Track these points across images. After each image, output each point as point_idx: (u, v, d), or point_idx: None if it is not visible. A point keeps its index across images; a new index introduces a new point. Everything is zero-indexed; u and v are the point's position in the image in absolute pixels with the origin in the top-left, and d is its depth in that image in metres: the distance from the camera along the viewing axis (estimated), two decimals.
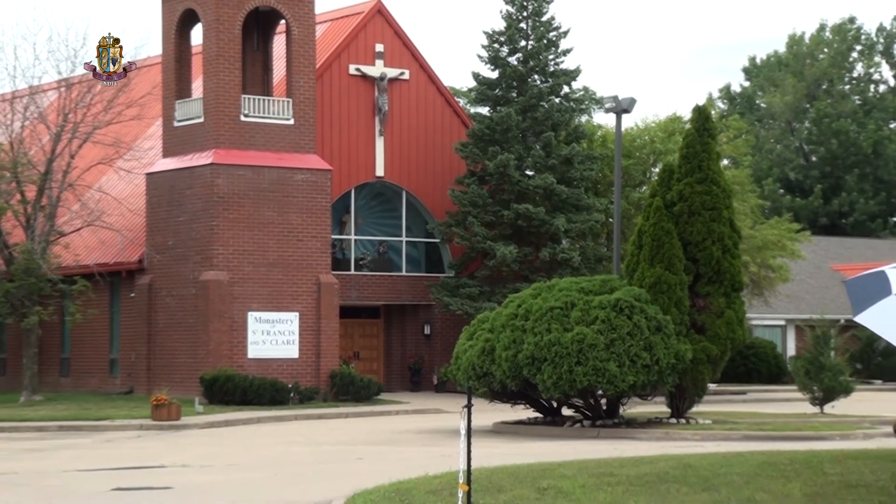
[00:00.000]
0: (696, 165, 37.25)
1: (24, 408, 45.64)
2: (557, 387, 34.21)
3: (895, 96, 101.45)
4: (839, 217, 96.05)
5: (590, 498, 17.66)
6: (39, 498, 21.36)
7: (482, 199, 54.70)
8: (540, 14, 56.62)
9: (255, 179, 48.91)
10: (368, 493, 19.14)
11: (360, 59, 55.66)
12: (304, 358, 49.31)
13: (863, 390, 52.04)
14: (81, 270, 50.89)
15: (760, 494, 17.35)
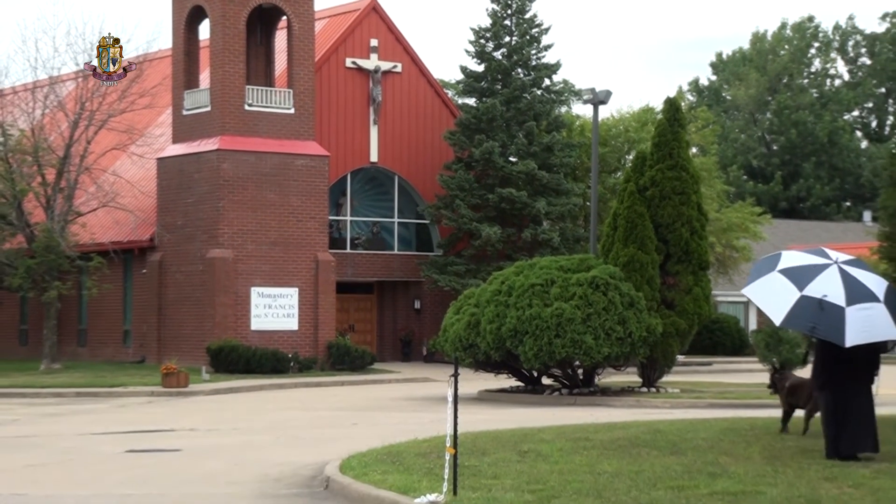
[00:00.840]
0: (667, 153, 37.24)
1: (44, 375, 45.63)
2: (538, 358, 34.22)
3: (849, 90, 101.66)
4: (797, 202, 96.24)
5: (567, 461, 17.66)
6: (57, 459, 21.35)
7: (469, 184, 54.71)
8: (523, 12, 56.58)
9: (258, 164, 48.89)
10: (362, 455, 19.15)
11: (355, 53, 55.60)
12: (303, 330, 49.33)
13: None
14: (97, 248, 50.85)
15: (723, 458, 17.37)
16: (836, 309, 16.26)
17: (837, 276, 16.65)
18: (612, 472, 16.45)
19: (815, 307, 16.29)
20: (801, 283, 16.52)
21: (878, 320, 16.47)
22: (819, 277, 16.55)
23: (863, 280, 16.78)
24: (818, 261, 17.01)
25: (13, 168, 50.14)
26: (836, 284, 16.46)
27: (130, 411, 32.91)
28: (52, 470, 19.87)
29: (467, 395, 33.90)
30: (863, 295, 16.50)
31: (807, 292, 16.40)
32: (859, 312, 16.29)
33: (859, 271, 17.00)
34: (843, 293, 16.38)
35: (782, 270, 16.87)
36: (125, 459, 21.26)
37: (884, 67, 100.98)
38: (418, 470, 17.11)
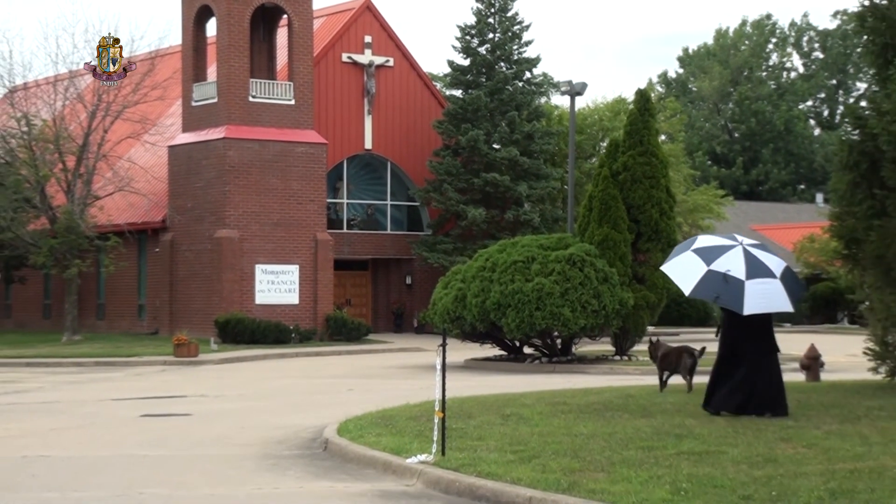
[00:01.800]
0: (638, 140, 37.24)
1: (66, 346, 45.60)
2: (519, 329, 34.23)
3: (804, 82, 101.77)
4: (756, 185, 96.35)
5: (546, 423, 17.67)
6: (79, 423, 21.33)
7: (456, 169, 54.71)
8: (505, 10, 56.53)
9: (261, 151, 48.84)
10: (358, 418, 19.14)
11: (351, 49, 55.51)
12: (303, 304, 49.35)
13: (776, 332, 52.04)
14: (114, 229, 50.81)
15: (689, 420, 17.39)
16: (737, 282, 17.21)
17: (741, 255, 17.55)
18: (587, 433, 16.45)
19: (720, 280, 17.23)
20: (709, 259, 17.49)
21: (774, 294, 17.44)
22: (725, 255, 17.51)
23: (763, 260, 17.66)
24: (726, 242, 17.97)
25: (36, 155, 50.14)
26: (739, 262, 17.40)
27: (145, 379, 32.89)
28: (74, 433, 19.86)
29: (454, 363, 33.92)
30: (762, 272, 17.43)
31: (713, 267, 17.36)
32: (757, 286, 17.25)
33: (761, 252, 17.88)
34: (744, 269, 17.30)
35: (695, 250, 17.83)
36: (141, 423, 21.25)
37: (835, 61, 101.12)
38: (409, 432, 17.10)
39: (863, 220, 20.86)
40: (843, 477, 12.89)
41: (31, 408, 24.48)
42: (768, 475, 13.09)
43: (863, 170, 20.67)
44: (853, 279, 23.95)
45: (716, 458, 14.25)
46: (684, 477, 13.08)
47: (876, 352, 21.47)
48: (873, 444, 14.94)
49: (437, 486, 13.94)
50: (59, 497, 13.73)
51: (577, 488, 12.82)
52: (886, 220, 20.48)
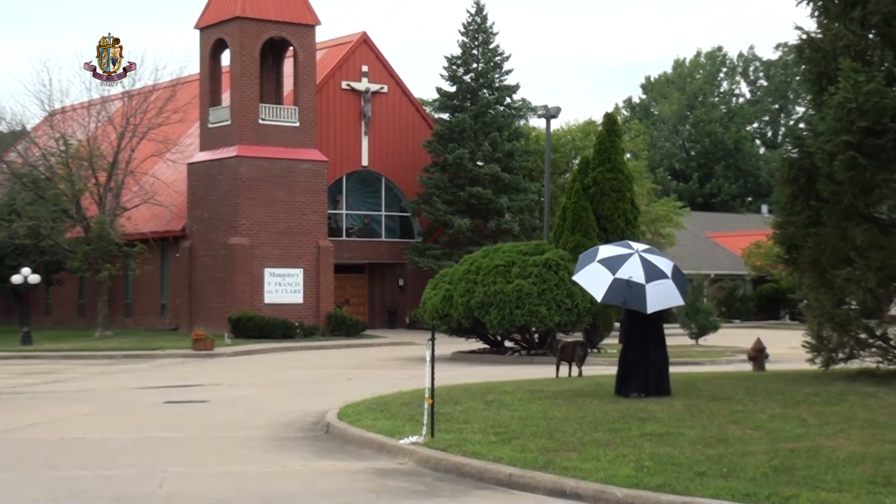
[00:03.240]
0: (606, 158, 37.33)
1: (98, 341, 45.58)
2: (501, 325, 34.29)
3: (751, 106, 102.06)
4: (710, 197, 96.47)
5: (524, 408, 17.69)
6: (109, 409, 21.32)
7: (443, 183, 54.75)
8: (488, 43, 56.57)
9: (269, 168, 48.83)
10: (356, 404, 19.13)
11: (349, 77, 55.52)
12: (307, 303, 49.33)
13: (726, 328, 52.33)
14: (139, 237, 50.74)
15: (651, 405, 17.40)
16: (639, 286, 17.88)
17: (639, 262, 18.16)
18: (561, 417, 16.47)
19: (625, 286, 17.89)
20: (613, 268, 18.08)
21: (669, 293, 18.20)
22: (626, 263, 18.10)
23: (657, 263, 18.33)
24: (624, 251, 18.53)
25: (73, 172, 50.16)
26: (637, 268, 18.03)
27: (167, 370, 32.88)
28: (105, 417, 19.85)
29: (442, 355, 33.92)
30: (657, 274, 18.11)
31: (618, 275, 17.98)
32: (655, 287, 17.96)
33: (654, 257, 18.55)
34: (643, 274, 17.97)
35: (600, 261, 18.35)
36: (163, 409, 21.25)
37: (777, 88, 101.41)
38: (402, 416, 17.10)
39: (801, 228, 20.94)
40: (784, 455, 12.94)
41: (68, 395, 24.48)
42: (720, 454, 13.13)
43: (801, 184, 20.74)
44: (793, 280, 24.12)
45: (674, 438, 14.28)
46: (647, 456, 13.12)
47: (813, 345, 21.53)
48: (810, 427, 14.97)
49: (426, 465, 13.96)
50: (92, 474, 13.73)
51: (552, 466, 12.86)
52: (821, 229, 20.57)
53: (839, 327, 20.95)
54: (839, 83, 18.96)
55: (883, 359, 21.07)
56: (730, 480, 11.72)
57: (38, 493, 12.53)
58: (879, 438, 13.87)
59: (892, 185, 20.43)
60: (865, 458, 12.61)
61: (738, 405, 17.29)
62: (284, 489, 12.70)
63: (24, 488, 12.84)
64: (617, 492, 11.72)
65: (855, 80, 18.65)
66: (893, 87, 18.82)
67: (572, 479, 12.25)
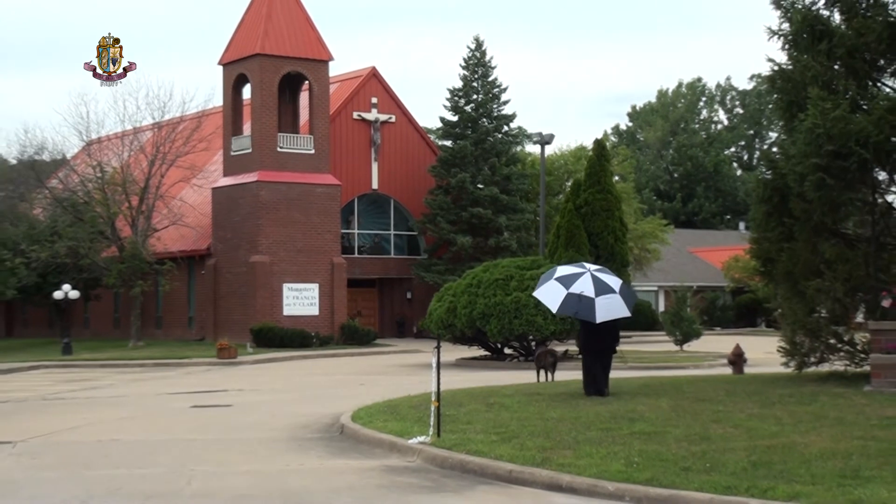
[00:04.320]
0: (596, 180, 37.37)
1: (131, 351, 45.60)
2: (500, 334, 34.29)
3: (728, 132, 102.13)
4: (692, 215, 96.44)
5: (523, 409, 17.69)
6: (142, 413, 21.33)
7: (447, 205, 54.78)
8: (487, 76, 56.65)
9: (287, 192, 48.87)
10: (368, 407, 19.13)
11: (360, 108, 55.62)
12: (322, 315, 49.30)
13: (709, 335, 52.27)
14: (168, 255, 50.83)
15: (640, 406, 17.42)
16: (589, 300, 18.64)
17: (590, 279, 18.90)
18: (557, 417, 16.47)
19: (576, 299, 18.65)
20: (567, 284, 18.84)
21: (615, 305, 18.85)
22: (578, 280, 18.87)
23: (606, 280, 19.01)
24: (578, 270, 19.27)
25: (108, 196, 50.29)
26: (588, 284, 18.79)
27: (194, 377, 32.88)
28: (138, 421, 19.86)
29: (447, 362, 33.86)
30: (606, 290, 18.82)
31: (571, 290, 18.74)
32: (603, 301, 18.68)
33: (604, 275, 19.25)
34: (593, 289, 18.72)
35: (557, 279, 19.08)
36: (191, 413, 21.24)
37: (752, 115, 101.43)
38: (411, 418, 17.10)
39: (775, 243, 20.97)
40: (762, 451, 12.94)
41: (104, 401, 24.48)
42: (703, 450, 13.13)
43: (775, 203, 20.79)
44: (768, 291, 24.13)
45: (661, 437, 14.28)
46: (636, 453, 13.12)
47: (787, 349, 21.55)
48: (785, 425, 14.98)
49: (433, 462, 13.95)
50: (127, 473, 13.74)
51: (548, 463, 12.86)
52: (793, 243, 20.60)
53: (811, 334, 20.98)
54: (808, 110, 19.02)
55: (850, 362, 21.11)
56: (712, 475, 11.72)
57: (77, 490, 12.54)
58: (848, 435, 13.88)
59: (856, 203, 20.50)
60: (835, 454, 12.62)
61: (720, 405, 17.30)
62: (303, 485, 12.70)
63: (65, 486, 12.86)
64: (609, 486, 11.73)
65: (822, 108, 18.70)
66: (857, 114, 18.87)
67: (568, 474, 12.26)
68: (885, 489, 10.79)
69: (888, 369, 18.49)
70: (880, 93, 20.06)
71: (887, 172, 20.28)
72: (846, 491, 10.79)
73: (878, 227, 20.62)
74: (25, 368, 37.73)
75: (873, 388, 18.40)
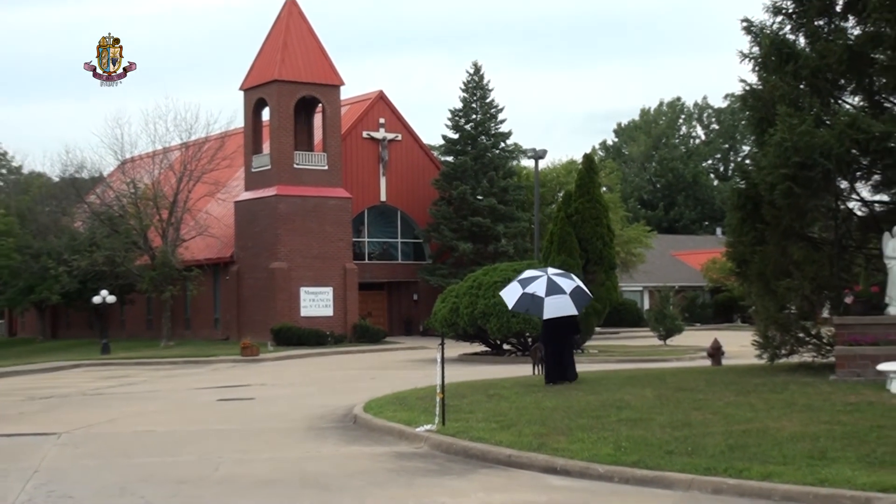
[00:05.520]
0: (586, 191, 37.35)
1: (163, 350, 45.66)
2: (500, 331, 34.28)
3: (705, 146, 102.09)
4: (674, 222, 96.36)
5: (520, 400, 17.70)
6: (173, 406, 21.36)
7: (449, 215, 54.78)
8: (485, 98, 56.68)
9: (303, 204, 48.92)
10: (378, 399, 19.17)
11: (369, 128, 55.64)
12: (336, 315, 49.33)
13: (690, 330, 52.25)
14: (195, 263, 50.89)
15: (627, 396, 17.45)
16: (539, 299, 19.47)
17: (545, 281, 19.67)
18: (551, 406, 16.48)
19: (529, 298, 19.50)
20: (525, 285, 19.71)
21: (563, 304, 19.58)
22: (534, 283, 19.68)
23: (559, 283, 19.73)
24: (537, 274, 20.06)
25: (141, 210, 50.43)
26: (542, 286, 19.57)
27: (220, 373, 32.92)
28: (170, 413, 19.89)
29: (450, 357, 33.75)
30: (557, 291, 19.55)
31: (526, 290, 19.58)
32: (552, 300, 19.45)
33: (560, 279, 19.92)
34: (545, 290, 19.49)
35: (518, 280, 19.94)
36: (218, 405, 21.28)
37: (727, 131, 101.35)
38: (418, 408, 17.12)
39: (749, 246, 20.99)
40: (738, 435, 12.96)
41: (139, 395, 24.53)
42: (685, 435, 13.15)
43: (748, 210, 20.81)
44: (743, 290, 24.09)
45: (647, 423, 14.30)
46: (623, 438, 13.14)
47: (760, 343, 21.57)
48: (759, 411, 14.99)
49: (439, 448, 13.97)
50: (160, 461, 13.78)
51: (544, 447, 12.87)
52: (765, 247, 20.62)
53: (781, 328, 21.00)
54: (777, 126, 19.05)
55: (818, 354, 21.14)
56: (693, 457, 11.74)
57: (116, 476, 12.58)
58: (816, 420, 13.90)
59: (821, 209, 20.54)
60: (804, 437, 12.64)
61: (700, 394, 17.32)
62: (320, 470, 12.73)
63: (105, 473, 12.90)
64: (599, 468, 11.75)
65: (790, 123, 18.74)
66: (821, 129, 18.92)
67: (562, 458, 12.28)
68: (849, 468, 10.82)
69: (851, 360, 18.52)
70: (841, 109, 20.11)
71: (848, 181, 20.34)
72: (814, 470, 10.81)
73: (840, 231, 20.65)
74: (68, 367, 37.81)
75: (838, 378, 18.43)
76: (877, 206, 21.01)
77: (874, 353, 18.11)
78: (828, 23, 20.43)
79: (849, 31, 20.06)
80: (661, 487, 11.00)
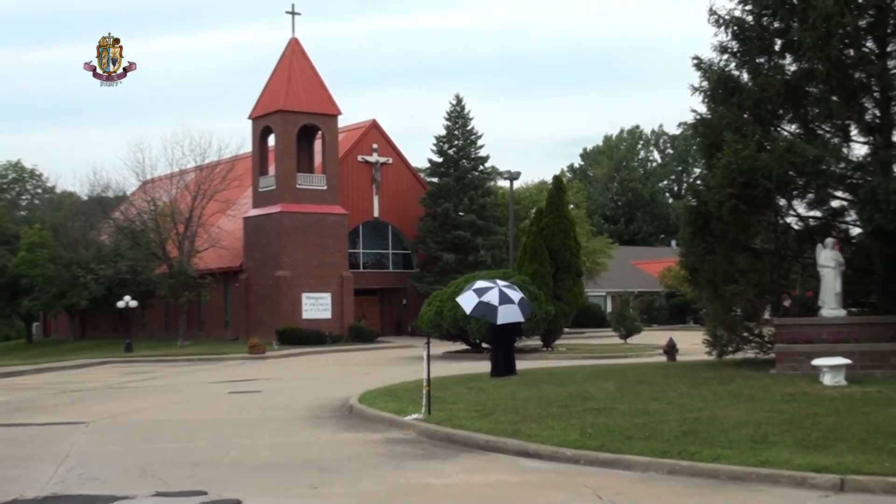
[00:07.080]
0: (555, 208, 37.43)
1: (179, 349, 45.48)
2: (479, 332, 34.25)
3: (661, 169, 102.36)
4: (633, 235, 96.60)
5: (497, 392, 17.72)
6: (189, 398, 21.28)
7: (434, 229, 54.77)
8: (466, 126, 56.76)
9: (305, 220, 48.86)
10: (371, 391, 19.15)
11: (363, 152, 55.63)
12: (334, 318, 49.25)
13: (648, 330, 52.31)
14: (208, 271, 50.70)
15: (592, 388, 17.49)
16: (493, 307, 20.08)
17: (497, 292, 20.27)
18: (525, 397, 16.51)
19: (485, 306, 20.06)
20: (480, 295, 20.23)
21: (512, 312, 20.24)
22: (488, 293, 20.24)
23: (509, 294, 20.35)
24: (489, 285, 20.56)
25: (159, 225, 50.25)
26: (495, 296, 20.19)
27: (230, 369, 32.82)
28: (185, 404, 19.82)
29: (436, 355, 33.84)
30: (507, 300, 20.21)
31: (482, 299, 20.13)
32: (504, 309, 20.09)
33: (509, 290, 20.52)
34: (498, 299, 20.11)
35: (473, 290, 20.40)
36: (229, 397, 21.22)
37: (680, 155, 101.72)
38: (407, 400, 17.11)
39: (699, 256, 21.09)
40: (690, 423, 13.01)
41: (159, 389, 24.44)
42: (643, 422, 13.19)
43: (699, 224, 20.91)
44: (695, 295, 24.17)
45: (609, 412, 14.34)
46: (589, 425, 13.17)
47: (710, 341, 21.65)
48: (709, 401, 15.05)
49: (425, 435, 13.97)
50: (177, 446, 13.73)
51: (518, 434, 12.89)
52: (714, 257, 20.73)
53: (729, 328, 21.10)
54: (724, 150, 19.18)
55: (760, 350, 21.25)
56: (651, 442, 11.79)
57: (138, 460, 12.55)
58: (758, 409, 13.97)
59: (763, 224, 20.66)
60: (748, 424, 12.70)
61: (656, 386, 17.39)
62: (319, 454, 12.72)
63: (128, 457, 12.86)
64: (567, 451, 11.78)
65: (735, 148, 18.87)
66: (762, 153, 19.06)
67: (534, 443, 12.30)
68: (787, 451, 10.88)
69: (789, 356, 18.63)
70: (780, 136, 20.25)
71: (786, 199, 20.47)
72: (757, 453, 10.87)
73: (780, 243, 20.79)
74: (96, 364, 37.62)
75: (778, 372, 18.53)
76: (811, 220, 21.17)
77: (809, 350, 18.24)
78: (768, 60, 20.60)
79: (786, 68, 20.24)
80: (622, 469, 11.04)
